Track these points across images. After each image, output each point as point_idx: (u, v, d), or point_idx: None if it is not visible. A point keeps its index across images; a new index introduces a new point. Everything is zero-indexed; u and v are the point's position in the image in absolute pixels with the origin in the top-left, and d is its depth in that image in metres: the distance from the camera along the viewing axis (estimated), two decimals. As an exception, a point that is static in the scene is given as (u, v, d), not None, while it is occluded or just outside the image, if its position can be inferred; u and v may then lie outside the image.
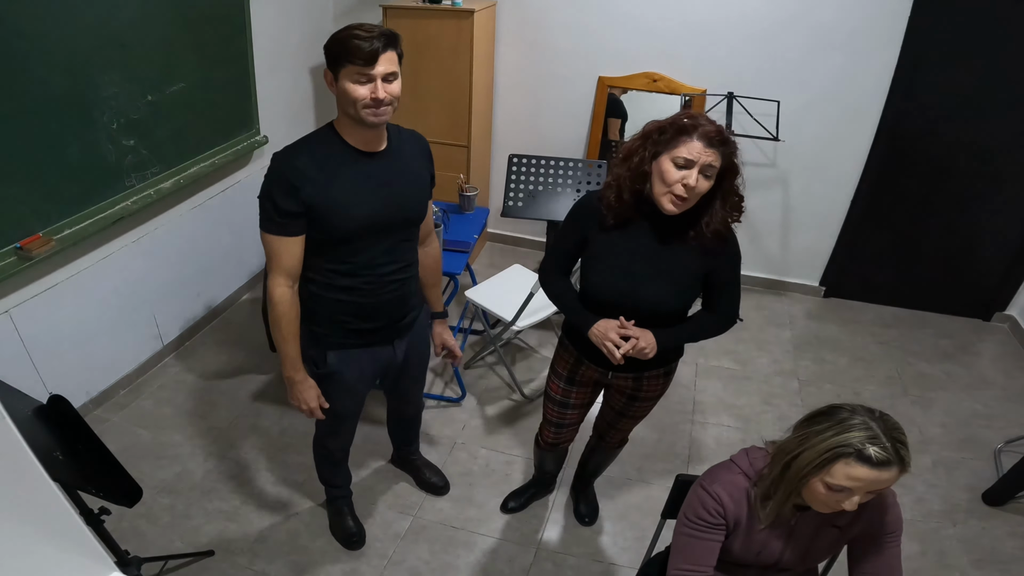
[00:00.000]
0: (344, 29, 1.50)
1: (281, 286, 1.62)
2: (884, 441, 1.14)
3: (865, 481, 1.16)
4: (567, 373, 1.89)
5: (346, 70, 1.48)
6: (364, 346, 1.81)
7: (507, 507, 2.40)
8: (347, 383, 1.84)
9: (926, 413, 2.98)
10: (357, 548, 2.23)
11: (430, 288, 2.00)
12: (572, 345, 1.85)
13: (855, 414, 1.19)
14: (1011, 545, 2.33)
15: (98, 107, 2.36)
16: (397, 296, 1.77)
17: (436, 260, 1.99)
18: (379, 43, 1.46)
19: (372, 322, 1.77)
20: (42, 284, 2.39)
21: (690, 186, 1.43)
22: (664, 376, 1.84)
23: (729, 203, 1.53)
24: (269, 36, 3.23)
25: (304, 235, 1.59)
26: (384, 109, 1.52)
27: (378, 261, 1.68)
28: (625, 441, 2.18)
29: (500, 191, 3.77)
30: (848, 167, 3.47)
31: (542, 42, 3.60)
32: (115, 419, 2.71)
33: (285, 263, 1.60)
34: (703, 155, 1.42)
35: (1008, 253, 3.48)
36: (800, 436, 1.23)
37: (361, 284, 1.69)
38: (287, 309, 1.64)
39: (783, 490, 1.26)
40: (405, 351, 1.92)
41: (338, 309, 1.72)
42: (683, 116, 1.48)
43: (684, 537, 1.38)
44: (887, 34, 3.10)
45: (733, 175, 1.50)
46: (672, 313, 1.67)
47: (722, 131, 1.45)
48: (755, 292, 3.88)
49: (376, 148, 1.62)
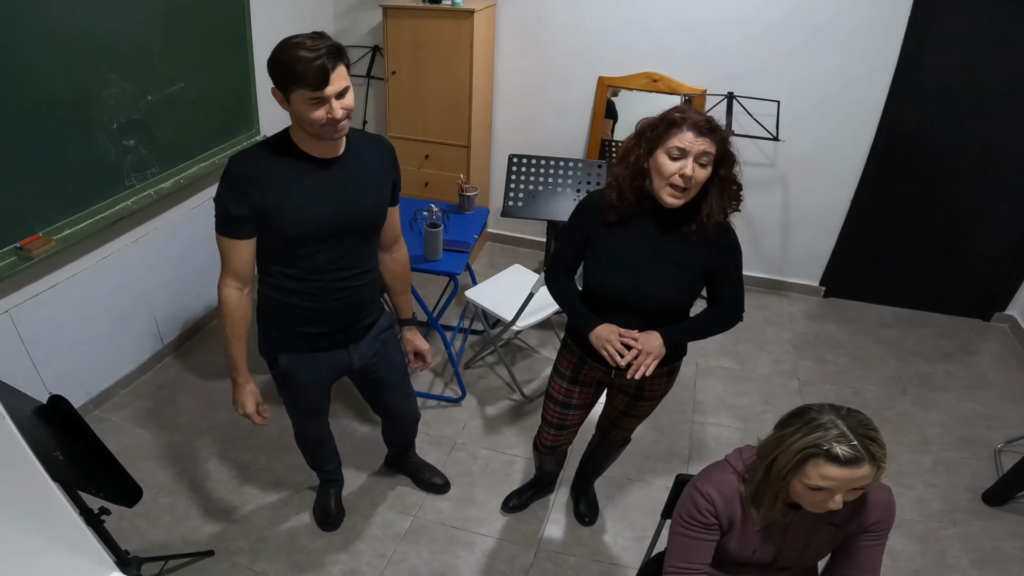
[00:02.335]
0: (284, 48, 1.41)
1: (228, 287, 1.63)
2: (852, 439, 1.15)
3: (839, 480, 1.16)
4: (570, 373, 1.89)
5: (296, 94, 1.43)
6: (316, 350, 1.79)
7: (508, 506, 2.40)
8: (301, 385, 1.85)
9: (926, 413, 2.98)
10: (330, 530, 2.27)
11: (397, 295, 1.99)
12: (576, 345, 1.84)
13: (822, 413, 1.20)
14: (1011, 545, 2.33)
15: (98, 107, 2.36)
16: (349, 302, 1.75)
17: (403, 266, 1.96)
18: (327, 61, 1.39)
19: (323, 327, 1.75)
20: (42, 284, 2.39)
21: (687, 175, 1.46)
22: (668, 375, 1.85)
23: (727, 192, 1.54)
24: (269, 36, 3.20)
25: (254, 239, 1.59)
26: (342, 125, 1.49)
27: (328, 267, 1.66)
28: (628, 440, 2.18)
29: (500, 191, 3.77)
30: (848, 167, 3.47)
31: (542, 42, 3.60)
32: (115, 419, 2.71)
33: (234, 265, 1.60)
34: (695, 144, 1.45)
35: (1008, 253, 3.48)
36: (776, 439, 1.24)
37: (310, 288, 1.67)
38: (232, 311, 1.65)
39: (770, 492, 1.27)
40: (368, 357, 1.89)
41: (288, 312, 1.71)
42: (673, 110, 1.51)
43: (678, 537, 1.39)
44: (887, 34, 3.10)
45: (730, 163, 1.52)
46: (675, 308, 1.67)
47: (711, 120, 1.48)
48: (755, 292, 3.88)
49: (332, 155, 1.59)
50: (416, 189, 3.78)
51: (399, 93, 3.55)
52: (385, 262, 1.92)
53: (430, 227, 2.61)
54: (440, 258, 2.67)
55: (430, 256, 2.66)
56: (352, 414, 2.82)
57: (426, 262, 2.66)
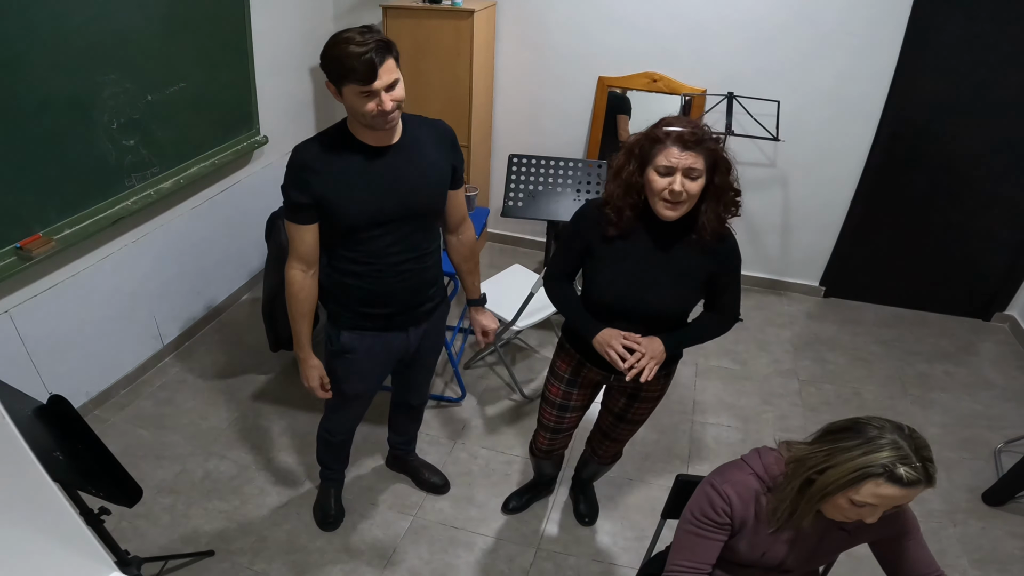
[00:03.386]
0: (335, 44, 1.47)
1: (294, 269, 1.72)
2: (915, 461, 1.12)
3: (894, 499, 1.14)
4: (569, 375, 1.89)
5: (348, 88, 1.50)
6: (377, 330, 1.85)
7: (508, 507, 2.40)
8: (358, 363, 1.89)
9: (926, 413, 2.98)
10: (330, 530, 2.29)
11: (464, 275, 2.04)
12: (574, 348, 1.84)
13: (883, 432, 1.16)
14: (1011, 545, 2.33)
15: (98, 107, 2.36)
16: (410, 285, 1.81)
17: (470, 248, 2.01)
18: (376, 56, 1.45)
19: (384, 308, 1.81)
20: (42, 284, 2.39)
21: (676, 191, 1.45)
22: (665, 377, 1.85)
23: (724, 200, 1.53)
24: (269, 36, 3.23)
25: (316, 224, 1.68)
26: (393, 116, 1.55)
27: (388, 251, 1.72)
28: (619, 455, 2.19)
29: (500, 191, 3.77)
30: (848, 167, 3.47)
31: (542, 42, 3.60)
32: (115, 419, 2.71)
33: (299, 249, 1.70)
34: (682, 159, 1.44)
35: (1008, 253, 3.48)
36: (825, 451, 1.20)
37: (370, 271, 1.74)
38: (298, 291, 1.74)
39: (805, 503, 1.23)
40: (420, 340, 1.94)
41: (350, 293, 1.79)
42: (657, 125, 1.50)
43: (687, 534, 1.37)
44: (887, 34, 3.10)
45: (724, 171, 1.50)
46: (676, 316, 1.69)
47: (697, 131, 1.45)
48: (755, 292, 3.88)
49: (387, 143, 1.65)
50: (416, 189, 3.78)
51: (399, 93, 3.56)
52: (452, 243, 1.98)
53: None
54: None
55: (430, 256, 2.66)
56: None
57: (426, 262, 2.65)
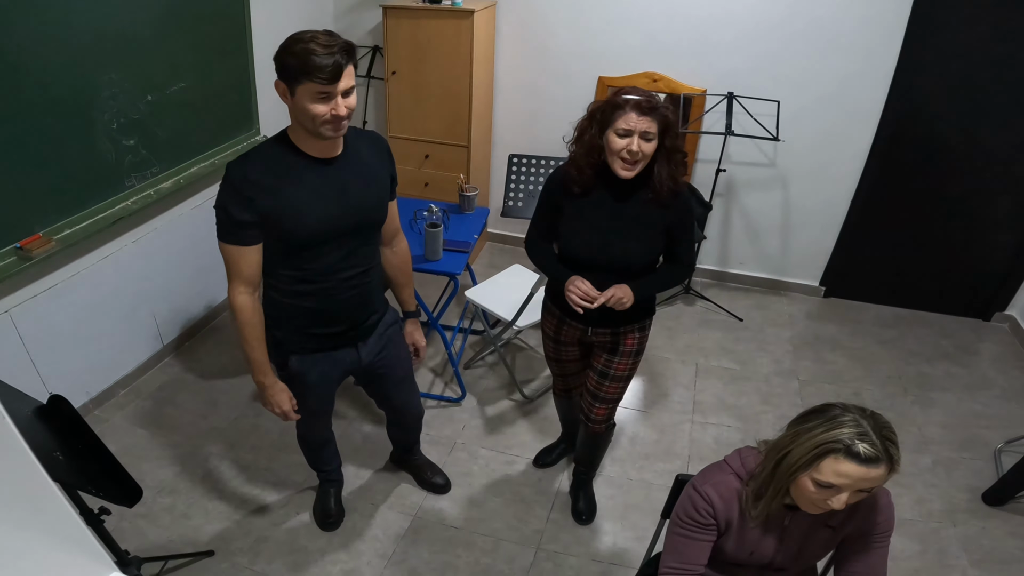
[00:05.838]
0: (298, 41, 1.42)
1: (241, 294, 1.62)
2: (873, 438, 1.15)
3: (853, 478, 1.16)
4: (552, 332, 2.12)
5: (304, 87, 1.43)
6: (326, 350, 1.80)
7: (540, 462, 2.59)
8: (311, 385, 1.85)
9: (926, 413, 2.98)
10: (330, 530, 2.28)
11: (400, 288, 2.00)
12: (554, 306, 2.05)
13: (846, 412, 1.20)
14: (1011, 545, 2.33)
15: (98, 107, 2.36)
16: (357, 300, 1.76)
17: (404, 260, 1.98)
18: (341, 58, 1.42)
19: (333, 326, 1.77)
20: (42, 284, 2.39)
21: (634, 151, 1.67)
22: (640, 331, 2.02)
23: (674, 160, 1.75)
24: (269, 36, 3.22)
25: (261, 243, 1.59)
26: (343, 123, 1.50)
27: (337, 266, 1.67)
28: (612, 424, 2.23)
29: (500, 191, 3.77)
30: (848, 167, 3.47)
31: (542, 42, 3.60)
32: (115, 419, 2.71)
33: (244, 271, 1.59)
34: (639, 123, 1.65)
35: (1008, 253, 3.48)
36: (792, 433, 1.25)
37: (319, 289, 1.68)
38: (250, 316, 1.64)
39: (773, 487, 1.27)
40: (376, 353, 1.91)
41: (298, 314, 1.72)
42: (617, 93, 1.71)
43: (675, 537, 1.40)
44: (887, 34, 3.10)
45: (673, 135, 1.72)
46: (641, 265, 1.88)
47: (652, 99, 1.67)
48: (755, 292, 3.88)
49: (331, 155, 1.59)
50: (416, 189, 3.78)
51: (399, 93, 3.56)
52: (387, 256, 1.93)
53: (430, 227, 2.61)
54: (440, 258, 2.67)
55: (430, 256, 2.66)
56: (353, 414, 2.82)
57: (426, 262, 2.65)
